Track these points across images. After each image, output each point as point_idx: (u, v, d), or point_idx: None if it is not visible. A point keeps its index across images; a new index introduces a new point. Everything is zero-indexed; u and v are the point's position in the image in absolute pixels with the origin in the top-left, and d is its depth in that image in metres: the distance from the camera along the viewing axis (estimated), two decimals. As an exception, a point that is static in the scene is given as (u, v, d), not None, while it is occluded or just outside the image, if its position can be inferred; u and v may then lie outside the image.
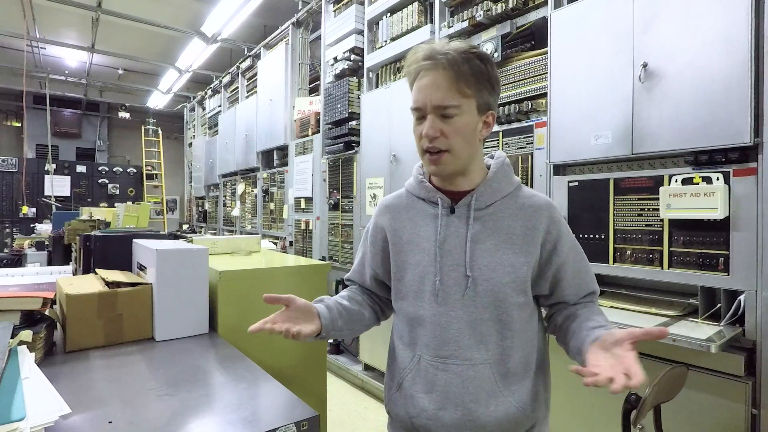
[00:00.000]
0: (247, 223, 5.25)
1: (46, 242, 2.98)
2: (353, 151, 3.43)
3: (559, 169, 2.10)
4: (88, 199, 8.54)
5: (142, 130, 9.28)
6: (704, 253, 1.62)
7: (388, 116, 3.02)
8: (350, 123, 3.41)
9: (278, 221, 4.52)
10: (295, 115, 4.24)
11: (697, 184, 1.61)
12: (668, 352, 1.61)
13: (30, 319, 1.10)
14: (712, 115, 1.56)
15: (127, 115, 9.15)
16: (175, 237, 2.30)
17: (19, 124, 8.59)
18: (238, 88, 5.71)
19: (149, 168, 9.25)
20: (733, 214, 1.55)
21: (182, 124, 8.62)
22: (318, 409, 0.86)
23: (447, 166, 0.89)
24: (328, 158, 3.72)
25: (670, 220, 1.70)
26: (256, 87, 5.01)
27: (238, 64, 5.65)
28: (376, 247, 1.04)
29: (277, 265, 1.64)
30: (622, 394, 0.70)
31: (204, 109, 7.23)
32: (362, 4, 3.38)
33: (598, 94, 1.89)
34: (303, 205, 4.02)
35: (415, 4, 2.88)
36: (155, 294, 1.29)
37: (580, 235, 1.97)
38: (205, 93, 7.00)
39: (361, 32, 3.39)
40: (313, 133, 3.94)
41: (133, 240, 1.60)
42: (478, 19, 2.41)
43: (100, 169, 8.86)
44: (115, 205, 5.73)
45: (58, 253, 2.43)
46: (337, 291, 3.41)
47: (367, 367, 3.25)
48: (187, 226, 7.51)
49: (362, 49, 3.39)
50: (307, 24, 4.37)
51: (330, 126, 3.63)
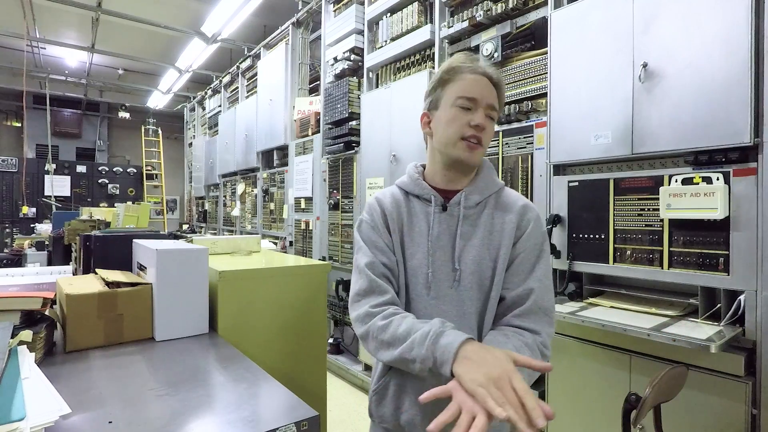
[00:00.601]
0: (247, 223, 5.25)
1: (46, 242, 2.98)
2: (353, 151, 3.43)
3: (559, 169, 2.10)
4: (88, 199, 8.54)
5: (142, 130, 9.29)
6: (704, 253, 1.62)
7: (388, 116, 3.02)
8: (350, 123, 3.41)
9: (278, 221, 4.52)
10: (295, 115, 4.24)
11: (697, 184, 1.61)
12: (668, 352, 1.61)
13: (30, 319, 1.10)
14: (712, 115, 1.56)
15: (127, 115, 9.15)
16: (175, 237, 2.30)
17: (19, 124, 8.59)
18: (238, 88, 5.71)
19: (149, 168, 9.25)
20: (733, 214, 1.55)
21: (182, 124, 8.62)
22: (318, 409, 0.86)
23: (477, 158, 0.97)
24: (328, 158, 3.72)
25: (670, 220, 1.70)
26: (256, 87, 5.01)
27: (238, 64, 5.65)
28: (387, 234, 1.00)
29: (277, 265, 1.64)
30: (622, 394, 0.70)
31: (204, 109, 7.23)
32: (362, 4, 3.38)
33: (598, 94, 1.89)
34: (303, 205, 4.02)
35: (415, 4, 2.88)
36: (155, 294, 1.29)
37: (580, 235, 1.97)
38: (205, 93, 7.00)
39: (361, 32, 3.39)
40: (313, 133, 3.94)
41: (133, 240, 1.60)
42: (478, 19, 2.41)
43: (100, 169, 8.86)
44: (115, 205, 5.73)
45: (58, 253, 2.43)
46: (337, 291, 3.44)
47: (367, 367, 3.25)
48: (187, 226, 7.51)
49: (362, 49, 3.39)
50: (307, 24, 4.37)
51: (330, 126, 3.63)
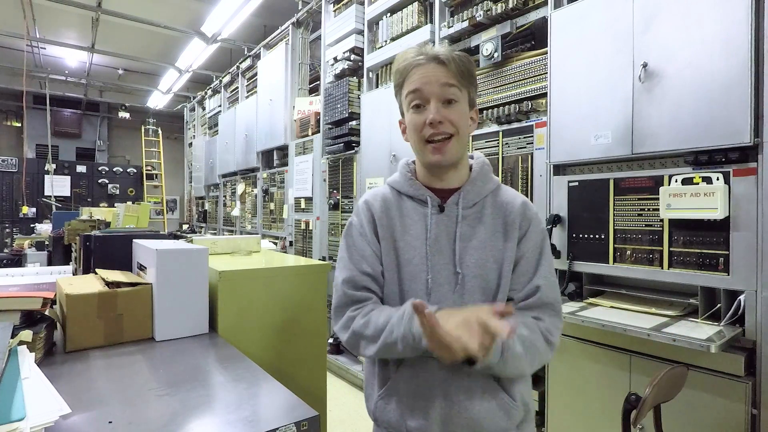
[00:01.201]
0: (247, 223, 5.25)
1: (46, 242, 2.98)
2: (353, 151, 3.43)
3: (559, 169, 2.10)
4: (88, 199, 8.54)
5: (142, 130, 9.29)
6: (704, 253, 1.62)
7: (388, 116, 3.02)
8: (350, 123, 3.41)
9: (278, 221, 4.52)
10: (295, 115, 4.24)
11: (697, 184, 1.61)
12: (668, 352, 1.61)
13: (30, 319, 1.10)
14: (712, 115, 1.56)
15: (127, 115, 9.15)
16: (175, 237, 2.30)
17: (19, 124, 8.58)
18: (238, 88, 5.71)
19: (149, 168, 9.25)
20: (733, 214, 1.55)
21: (182, 124, 8.62)
22: (318, 409, 0.86)
23: (451, 154, 0.91)
24: (328, 158, 3.72)
25: (670, 220, 1.70)
26: (256, 87, 5.01)
27: (238, 64, 5.65)
28: (375, 242, 0.98)
29: (277, 265, 1.64)
30: (622, 394, 0.71)
31: (204, 109, 7.23)
32: (362, 4, 3.38)
33: (598, 94, 1.89)
34: (303, 205, 4.02)
35: (415, 4, 2.88)
36: (155, 294, 1.29)
37: (580, 235, 1.97)
38: (205, 93, 7.00)
39: (361, 32, 3.39)
40: (313, 133, 3.94)
41: (133, 240, 1.60)
42: (478, 19, 2.41)
43: (100, 169, 8.87)
44: (115, 205, 5.74)
45: (58, 253, 2.43)
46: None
47: (367, 367, 3.25)
48: (187, 226, 7.51)
49: (362, 49, 3.39)
50: (307, 24, 4.37)
51: (330, 126, 3.63)
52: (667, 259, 1.72)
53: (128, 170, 9.18)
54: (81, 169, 8.65)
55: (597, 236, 1.92)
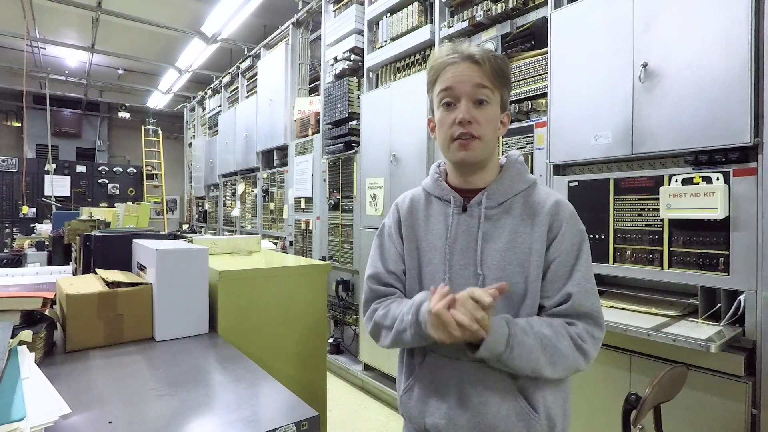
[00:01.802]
0: (247, 223, 5.25)
1: (46, 242, 2.98)
2: (353, 151, 3.43)
3: (559, 169, 2.10)
4: (88, 199, 8.54)
5: (142, 130, 9.28)
6: (704, 253, 1.62)
7: (388, 116, 3.02)
8: (350, 123, 3.41)
9: (278, 221, 4.52)
10: (295, 115, 4.24)
11: (697, 184, 1.61)
12: (668, 352, 1.61)
13: (30, 319, 1.10)
14: (712, 115, 1.56)
15: (127, 115, 9.15)
16: (175, 237, 2.30)
17: (19, 124, 8.58)
18: (238, 88, 5.71)
19: (149, 168, 9.25)
20: (733, 214, 1.54)
21: (182, 124, 8.62)
22: (318, 409, 0.86)
23: (476, 152, 0.89)
24: (328, 158, 3.72)
25: (670, 220, 1.70)
26: (256, 87, 5.01)
27: (238, 64, 5.65)
28: (399, 242, 1.01)
29: (277, 265, 1.64)
30: (622, 394, 0.71)
31: (204, 109, 7.23)
32: (362, 4, 3.38)
33: (598, 94, 1.89)
34: (303, 205, 4.02)
35: (415, 4, 2.88)
36: (155, 294, 1.29)
37: (580, 235, 1.97)
38: (205, 93, 7.00)
39: (361, 32, 3.39)
40: (313, 133, 3.94)
41: (133, 240, 1.60)
42: (478, 19, 2.41)
43: (100, 169, 8.86)
44: (115, 205, 5.73)
45: (58, 253, 2.43)
46: (337, 291, 3.44)
47: (367, 367, 3.25)
48: (187, 226, 7.51)
49: (362, 49, 3.39)
50: (307, 24, 4.37)
51: (330, 126, 3.63)
52: (667, 259, 1.72)
53: (128, 170, 9.18)
54: (81, 169, 8.65)
55: (597, 236, 1.92)
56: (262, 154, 4.86)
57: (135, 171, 9.25)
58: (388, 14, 3.11)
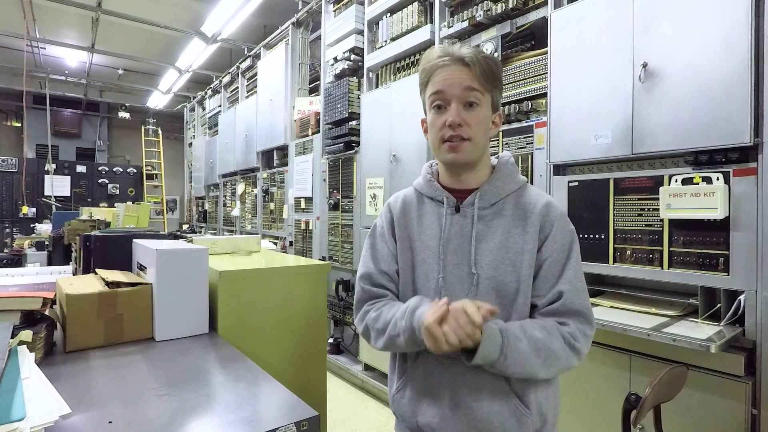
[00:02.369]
0: (247, 223, 5.25)
1: (46, 242, 2.98)
2: (353, 151, 3.43)
3: (559, 169, 2.10)
4: (88, 199, 8.54)
5: (142, 130, 9.28)
6: (704, 253, 1.62)
7: (388, 116, 3.02)
8: (350, 123, 3.41)
9: (278, 221, 4.52)
10: (295, 115, 4.24)
11: (697, 184, 1.61)
12: (668, 352, 1.61)
13: (30, 319, 1.10)
14: (712, 115, 1.56)
15: (127, 115, 9.15)
16: (175, 237, 2.30)
17: (19, 124, 8.58)
18: (238, 88, 5.71)
19: (149, 168, 9.25)
20: (733, 214, 1.55)
21: (182, 124, 8.62)
22: (318, 409, 0.86)
23: (466, 154, 0.91)
24: (328, 158, 3.72)
25: (670, 220, 1.70)
26: (256, 87, 5.01)
27: (238, 64, 5.65)
28: (392, 242, 1.02)
29: (277, 265, 1.64)
30: (622, 394, 0.71)
31: (204, 109, 7.23)
32: (362, 4, 3.38)
33: (598, 94, 1.89)
34: (303, 205, 4.02)
35: (415, 4, 2.88)
36: (155, 294, 1.29)
37: (581, 235, 1.97)
38: (205, 93, 7.00)
39: (361, 32, 3.39)
40: (313, 133, 3.94)
41: (133, 240, 1.60)
42: (478, 19, 2.41)
43: (100, 169, 8.87)
44: (115, 205, 5.73)
45: (58, 253, 2.43)
46: (337, 291, 3.44)
47: (367, 367, 3.25)
48: (187, 226, 7.51)
49: (362, 49, 3.39)
50: (307, 24, 4.37)
51: (330, 126, 3.63)
52: (667, 259, 1.72)
53: (128, 170, 9.18)
54: (81, 169, 8.66)
55: (597, 236, 1.92)
56: (262, 154, 4.86)
57: (135, 171, 9.25)
58: (388, 14, 3.11)
